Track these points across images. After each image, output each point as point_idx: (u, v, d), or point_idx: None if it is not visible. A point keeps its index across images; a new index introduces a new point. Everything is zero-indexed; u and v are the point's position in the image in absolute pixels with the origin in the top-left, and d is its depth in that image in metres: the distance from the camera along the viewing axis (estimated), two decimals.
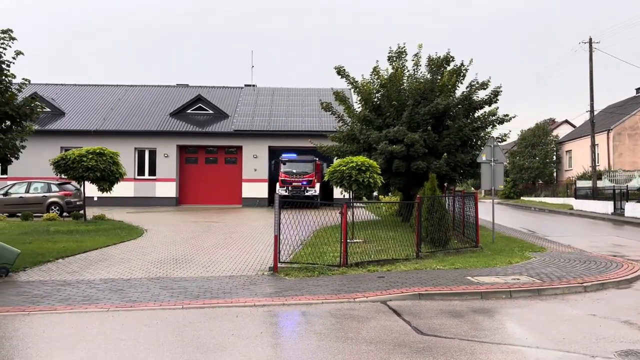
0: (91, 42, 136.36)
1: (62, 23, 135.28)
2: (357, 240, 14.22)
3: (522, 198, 52.50)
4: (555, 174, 53.71)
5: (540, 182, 53.65)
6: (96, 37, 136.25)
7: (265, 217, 24.70)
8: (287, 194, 28.94)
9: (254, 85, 41.50)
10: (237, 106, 37.05)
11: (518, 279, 10.39)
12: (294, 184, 29.47)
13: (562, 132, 58.45)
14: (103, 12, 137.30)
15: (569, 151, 51.30)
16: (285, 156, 31.24)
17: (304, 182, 29.55)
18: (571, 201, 38.16)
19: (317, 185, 30.00)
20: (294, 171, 29.98)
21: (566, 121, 62.79)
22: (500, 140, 21.65)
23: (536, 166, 52.03)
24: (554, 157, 53.34)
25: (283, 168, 30.32)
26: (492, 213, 16.69)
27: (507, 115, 21.46)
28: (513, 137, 58.32)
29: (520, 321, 8.08)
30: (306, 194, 29.10)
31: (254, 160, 34.14)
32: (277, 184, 30.29)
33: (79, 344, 6.86)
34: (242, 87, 40.98)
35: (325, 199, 31.63)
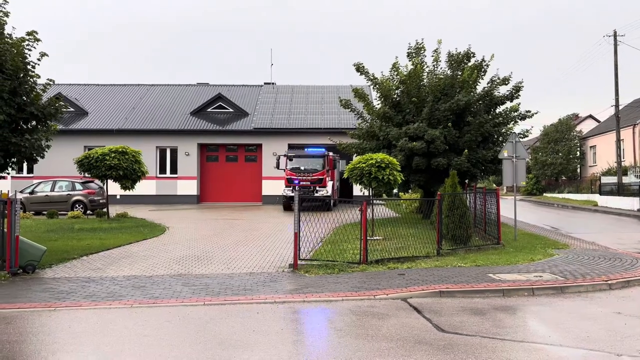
0: (110, 43, 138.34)
1: (78, 23, 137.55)
2: (377, 238, 14.19)
3: (544, 194, 51.76)
4: (579, 170, 52.81)
5: (564, 178, 52.81)
6: (114, 37, 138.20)
7: (284, 215, 24.80)
8: (293, 194, 25.57)
9: (273, 83, 41.64)
10: (257, 104, 37.22)
11: (541, 277, 10.26)
12: (301, 183, 25.75)
13: (586, 127, 57.41)
14: (121, 13, 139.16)
15: (593, 147, 50.40)
16: (291, 151, 28.18)
17: (314, 181, 26.03)
18: (595, 197, 37.50)
19: (330, 184, 26.60)
20: (302, 168, 26.51)
21: (590, 116, 61.66)
22: (522, 136, 21.40)
23: (559, 162, 51.23)
24: (578, 152, 52.44)
25: (289, 165, 26.93)
26: (514, 210, 16.50)
27: (529, 111, 21.18)
28: (535, 133, 57.59)
29: (542, 319, 7.98)
30: (316, 194, 25.32)
31: (274, 158, 34.28)
32: (283, 183, 27.56)
33: (103, 339, 6.98)
34: (261, 85, 41.14)
35: (345, 196, 31.58)
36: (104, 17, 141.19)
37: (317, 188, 25.65)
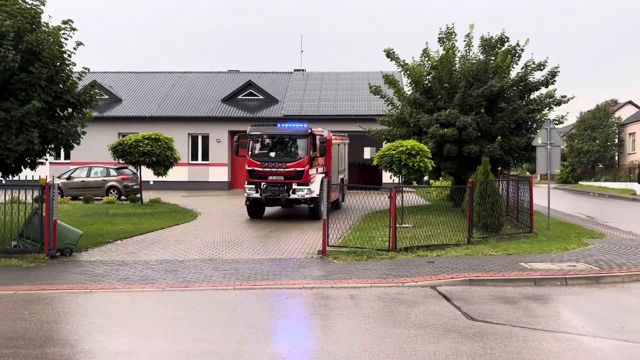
0: (138, 32, 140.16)
1: (114, 13, 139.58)
2: (407, 225, 14.11)
3: (580, 183, 50.50)
4: (616, 158, 51.25)
5: (600, 166, 51.35)
6: (144, 27, 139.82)
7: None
8: (257, 196, 16.86)
9: (303, 70, 41.59)
10: (287, 91, 37.26)
11: (574, 266, 10.05)
12: (270, 178, 16.86)
13: (625, 113, 55.55)
14: (151, 3, 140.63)
15: (633, 133, 48.79)
16: (256, 127, 17.98)
17: (290, 175, 16.84)
18: (634, 186, 36.38)
19: (318, 180, 16.79)
20: (273, 154, 17.31)
21: (630, 102, 59.58)
22: (557, 122, 20.83)
23: (596, 149, 49.81)
24: (616, 139, 50.86)
25: (253, 150, 17.53)
26: (547, 198, 16.17)
27: (564, 96, 20.60)
28: (571, 120, 56.00)
29: (576, 309, 7.84)
30: (292, 195, 16.76)
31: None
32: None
33: (136, 321, 7.17)
34: (291, 72, 41.13)
35: (374, 184, 31.47)
36: (134, 7, 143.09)
37: (296, 186, 16.74)
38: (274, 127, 18.17)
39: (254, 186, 16.93)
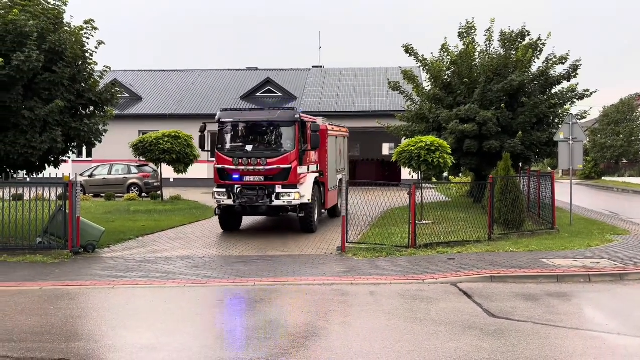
0: (159, 28, 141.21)
1: (132, 10, 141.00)
2: (426, 222, 14.03)
3: (603, 178, 49.63)
4: None
5: (625, 161, 50.40)
6: (160, 26, 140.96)
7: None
8: (230, 202, 13.23)
9: (321, 67, 41.55)
10: (305, 88, 37.27)
11: (598, 263, 9.89)
12: (246, 179, 13.20)
13: None
14: (169, 2, 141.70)
15: None
16: (225, 114, 14.26)
17: (271, 174, 13.12)
18: None
19: (309, 180, 13.72)
20: (248, 148, 13.45)
21: None
22: (579, 117, 20.46)
23: (620, 144, 48.89)
24: None
25: (223, 142, 13.89)
26: (570, 194, 15.92)
27: (587, 90, 20.22)
28: (594, 114, 55.01)
29: (599, 306, 7.72)
30: (276, 201, 13.08)
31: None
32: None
33: (159, 317, 7.26)
34: (309, 69, 41.12)
35: (393, 180, 31.32)
36: (153, 8, 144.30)
37: (280, 189, 12.99)
38: (251, 112, 14.73)
39: (224, 190, 13.05)
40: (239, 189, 13.03)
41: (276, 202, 13.05)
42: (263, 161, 13.01)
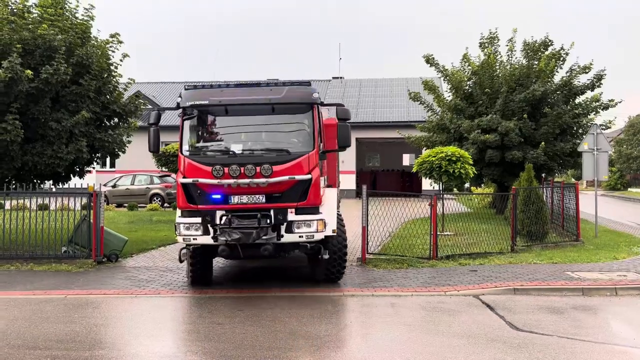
0: (179, 43, 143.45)
1: (143, 22, 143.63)
2: (448, 233, 13.91)
3: (629, 190, 48.66)
4: None
5: None
6: (185, 38, 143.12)
7: (353, 208, 24.80)
8: (208, 240, 8.27)
9: (341, 78, 41.68)
10: (325, 99, 37.36)
11: (625, 276, 9.68)
12: (235, 200, 8.28)
13: None
14: (190, 11, 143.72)
15: None
16: (195, 94, 8.82)
17: (274, 194, 8.33)
18: None
19: (332, 200, 9.41)
20: (236, 150, 8.71)
21: None
22: (604, 127, 20.16)
23: None
24: None
25: (195, 143, 8.89)
26: (594, 205, 15.65)
27: (612, 100, 19.95)
28: (619, 124, 54.10)
29: (627, 320, 7.54)
30: (287, 236, 8.31)
31: (342, 153, 34.29)
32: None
33: (180, 327, 7.32)
34: (329, 80, 41.28)
35: (414, 191, 31.13)
36: (174, 19, 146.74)
37: (294, 217, 8.35)
38: (238, 90, 8.80)
39: (198, 220, 8.24)
40: (225, 218, 8.17)
41: (288, 238, 8.29)
42: (266, 169, 8.15)
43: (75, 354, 6.06)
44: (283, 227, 8.30)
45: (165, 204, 25.40)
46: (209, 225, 8.23)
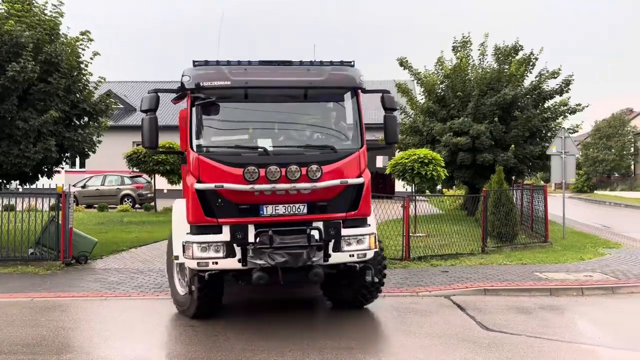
0: (156, 37, 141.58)
1: (132, 24, 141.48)
2: (420, 234, 14.05)
3: (595, 192, 49.97)
4: (632, 167, 50.69)
5: (616, 175, 50.81)
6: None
7: None
8: (238, 266, 6.53)
9: None
10: None
11: (591, 276, 9.93)
12: (269, 210, 6.55)
13: None
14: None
15: None
16: (212, 73, 6.70)
17: (318, 203, 6.65)
18: None
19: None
20: (267, 147, 6.74)
21: None
22: (571, 131, 20.67)
23: (611, 159, 49.31)
24: (632, 149, 50.33)
25: (213, 136, 6.93)
26: (562, 207, 16.01)
27: (579, 104, 20.45)
28: (586, 128, 55.48)
29: (592, 319, 7.74)
30: (335, 256, 6.67)
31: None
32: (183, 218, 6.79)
33: (151, 329, 7.21)
34: None
35: (387, 192, 31.34)
36: (149, 15, 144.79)
37: (345, 232, 6.72)
38: (268, 68, 6.93)
39: (221, 237, 6.50)
40: (264, 235, 6.42)
41: (336, 258, 6.74)
42: (314, 172, 6.54)
43: (41, 358, 5.92)
44: (331, 245, 6.61)
45: (137, 205, 25.03)
46: (235, 245, 6.40)
